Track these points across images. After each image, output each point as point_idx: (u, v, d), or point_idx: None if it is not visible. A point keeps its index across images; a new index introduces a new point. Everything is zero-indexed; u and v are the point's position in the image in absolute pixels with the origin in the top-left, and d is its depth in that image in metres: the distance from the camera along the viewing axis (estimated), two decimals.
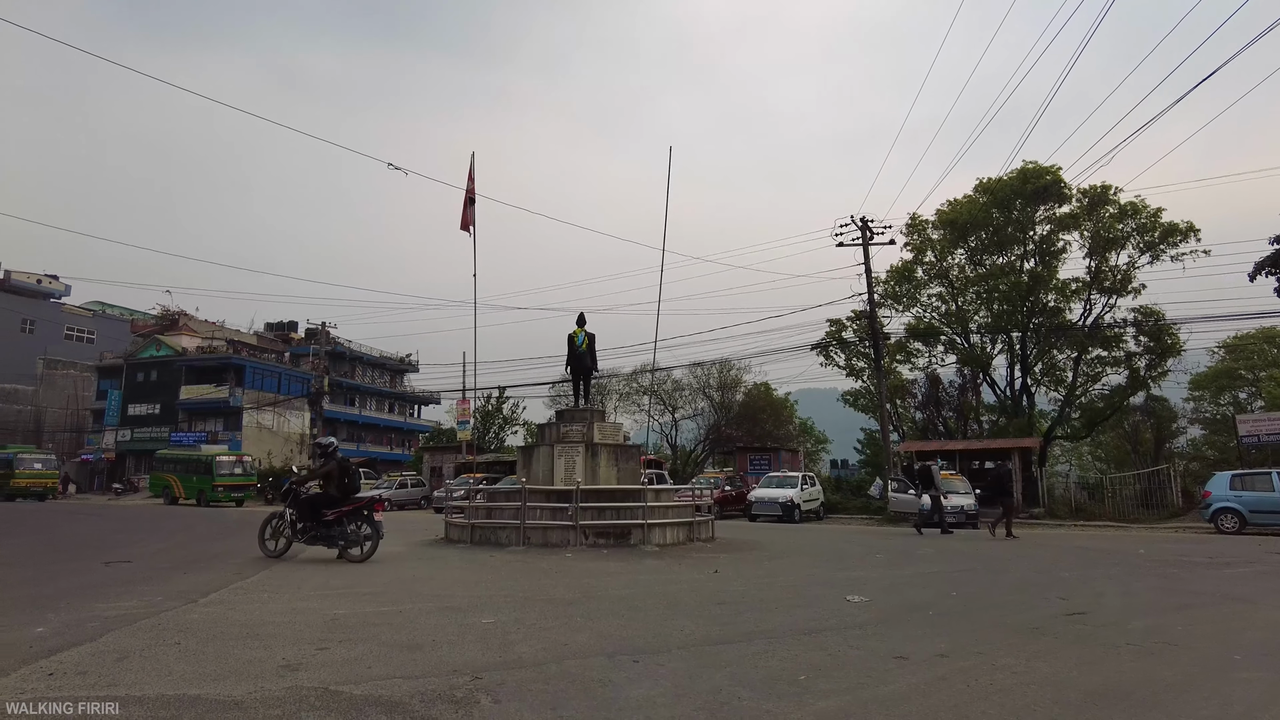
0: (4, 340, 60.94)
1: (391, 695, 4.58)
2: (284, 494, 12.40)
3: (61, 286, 69.08)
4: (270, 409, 52.87)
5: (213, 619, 6.95)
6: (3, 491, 39.48)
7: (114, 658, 5.41)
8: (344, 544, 11.76)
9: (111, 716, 3.90)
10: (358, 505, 11.79)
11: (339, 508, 11.72)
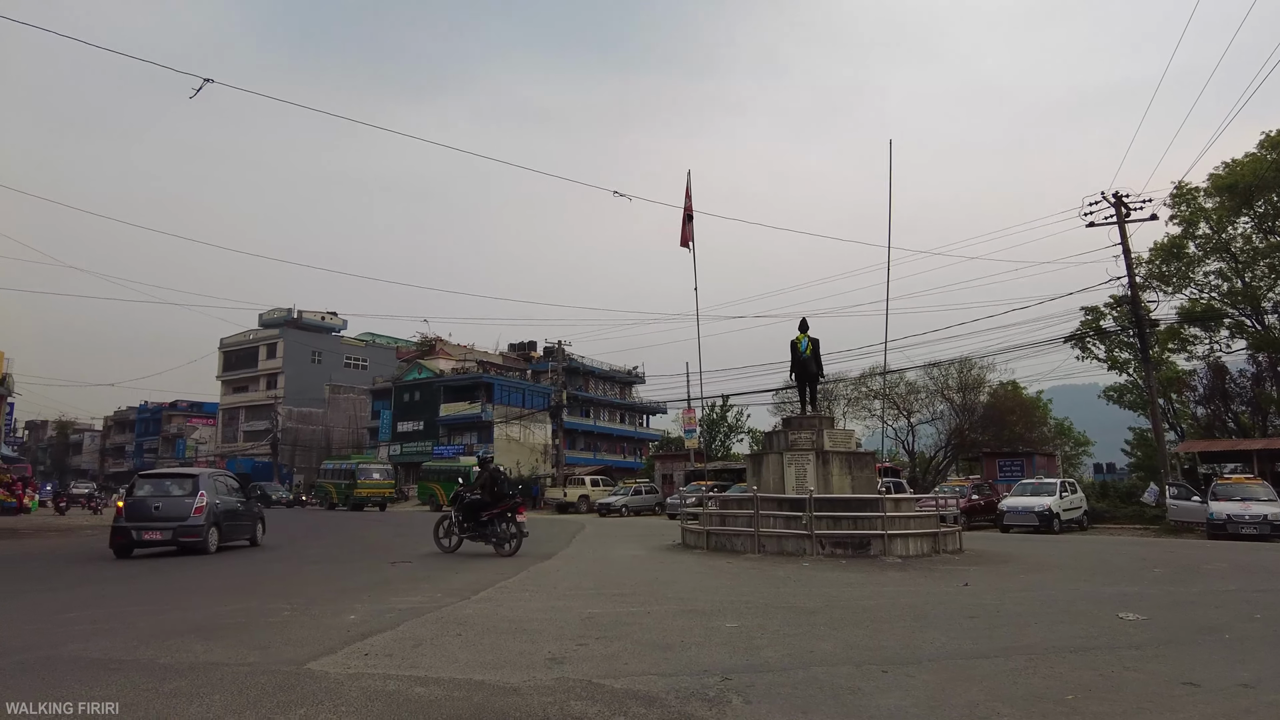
0: (299, 370, 71.37)
1: (648, 690, 4.86)
2: (452, 499, 14.65)
3: (340, 321, 79.67)
4: (516, 422, 57.24)
5: (484, 614, 7.72)
6: (349, 501, 41.29)
7: (410, 644, 6.20)
8: (495, 540, 13.61)
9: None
10: (504, 508, 13.66)
11: (491, 510, 13.69)
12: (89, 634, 6.58)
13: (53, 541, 19.20)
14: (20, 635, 6.58)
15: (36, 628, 6.96)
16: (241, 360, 76.01)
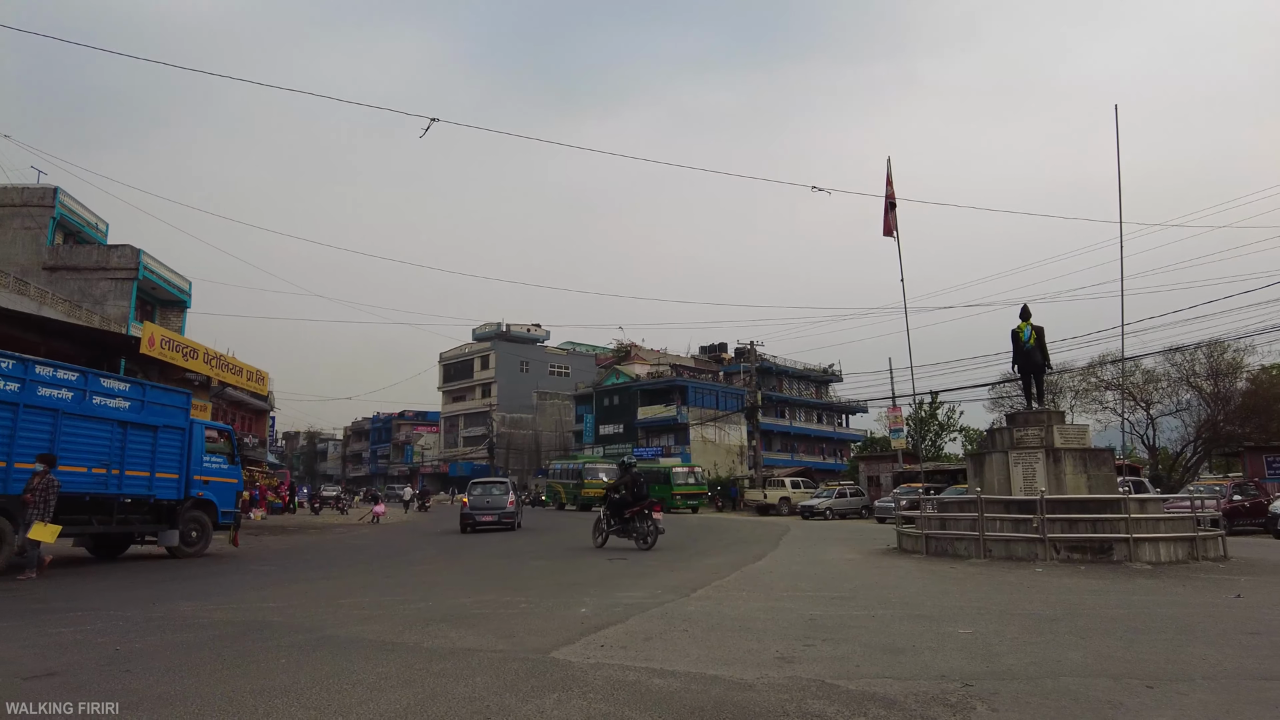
0: (510, 379, 76.28)
1: (886, 693, 4.76)
2: (603, 499, 16.49)
3: (544, 332, 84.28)
4: (711, 424, 57.77)
5: (707, 612, 7.88)
6: (577, 501, 41.18)
7: (641, 638, 6.46)
8: (636, 535, 15.10)
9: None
10: (642, 507, 15.21)
11: (633, 509, 15.22)
12: (362, 619, 7.43)
13: (313, 537, 21.83)
14: (308, 616, 7.55)
15: (319, 611, 7.96)
16: (458, 372, 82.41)
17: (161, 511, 14.02)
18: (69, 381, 12.42)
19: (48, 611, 7.71)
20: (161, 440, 13.85)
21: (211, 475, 15.13)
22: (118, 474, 12.97)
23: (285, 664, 5.38)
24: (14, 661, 5.42)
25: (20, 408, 11.44)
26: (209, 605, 8.24)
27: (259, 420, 42.35)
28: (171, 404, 14.39)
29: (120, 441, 13.08)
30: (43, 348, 24.02)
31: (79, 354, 25.86)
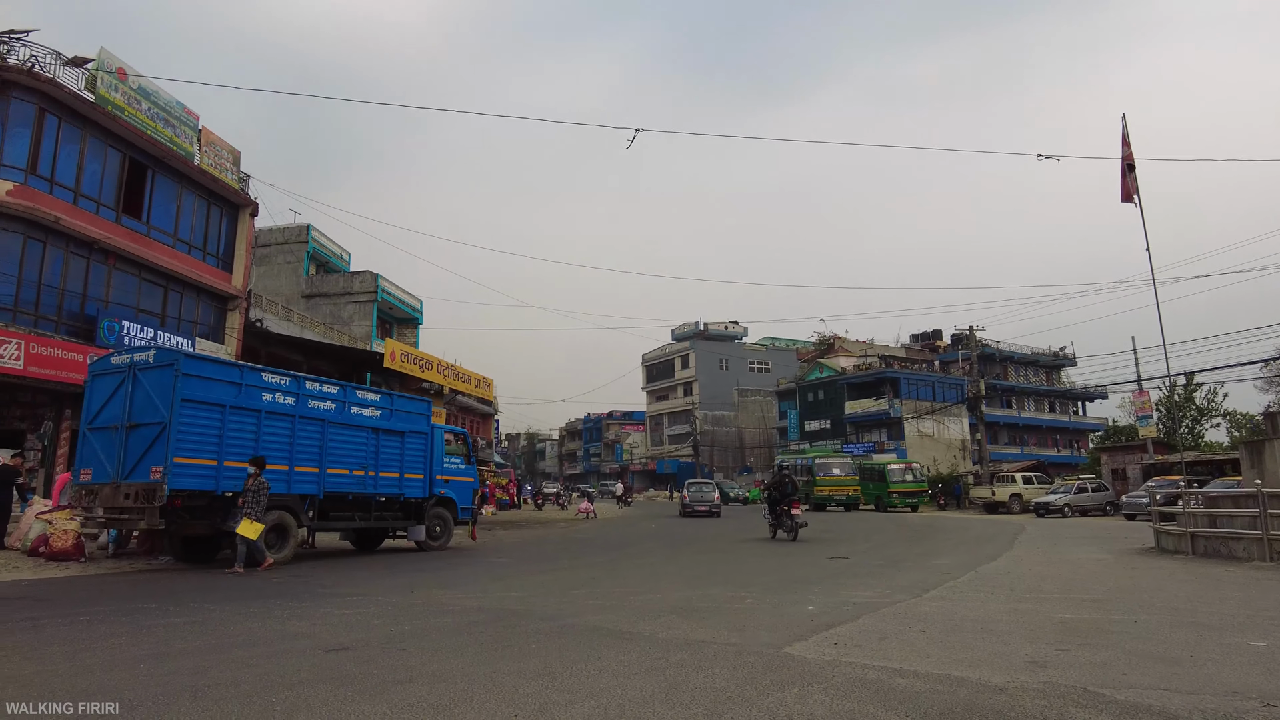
0: (710, 377, 76.92)
1: (1164, 706, 4.28)
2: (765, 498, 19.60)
3: (741, 329, 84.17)
4: (928, 417, 54.86)
5: (943, 613, 7.50)
6: (809, 500, 34.88)
7: (876, 637, 6.27)
8: (786, 528, 17.61)
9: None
10: (785, 504, 17.71)
11: (781, 505, 17.78)
12: (597, 609, 7.81)
13: (540, 531, 23.20)
14: (548, 606, 8.04)
15: (557, 601, 8.45)
16: (660, 372, 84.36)
17: (410, 509, 15.52)
18: (331, 394, 14.08)
19: (331, 595, 8.79)
20: (408, 444, 15.33)
21: (451, 475, 16.54)
22: (373, 475, 14.52)
23: (536, 649, 5.77)
24: (313, 636, 6.23)
25: (296, 419, 13.14)
26: (459, 594, 9.01)
27: (485, 423, 45.74)
28: (415, 411, 15.89)
29: (374, 446, 14.64)
30: (305, 365, 27.43)
31: (333, 370, 29.27)
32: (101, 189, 20.40)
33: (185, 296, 23.52)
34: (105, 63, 19.92)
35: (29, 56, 18.49)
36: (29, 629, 6.48)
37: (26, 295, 18.47)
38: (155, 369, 11.75)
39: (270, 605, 7.86)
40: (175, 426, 11.22)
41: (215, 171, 23.95)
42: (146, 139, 21.18)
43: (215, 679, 4.75)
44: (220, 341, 24.28)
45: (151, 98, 21.49)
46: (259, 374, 12.92)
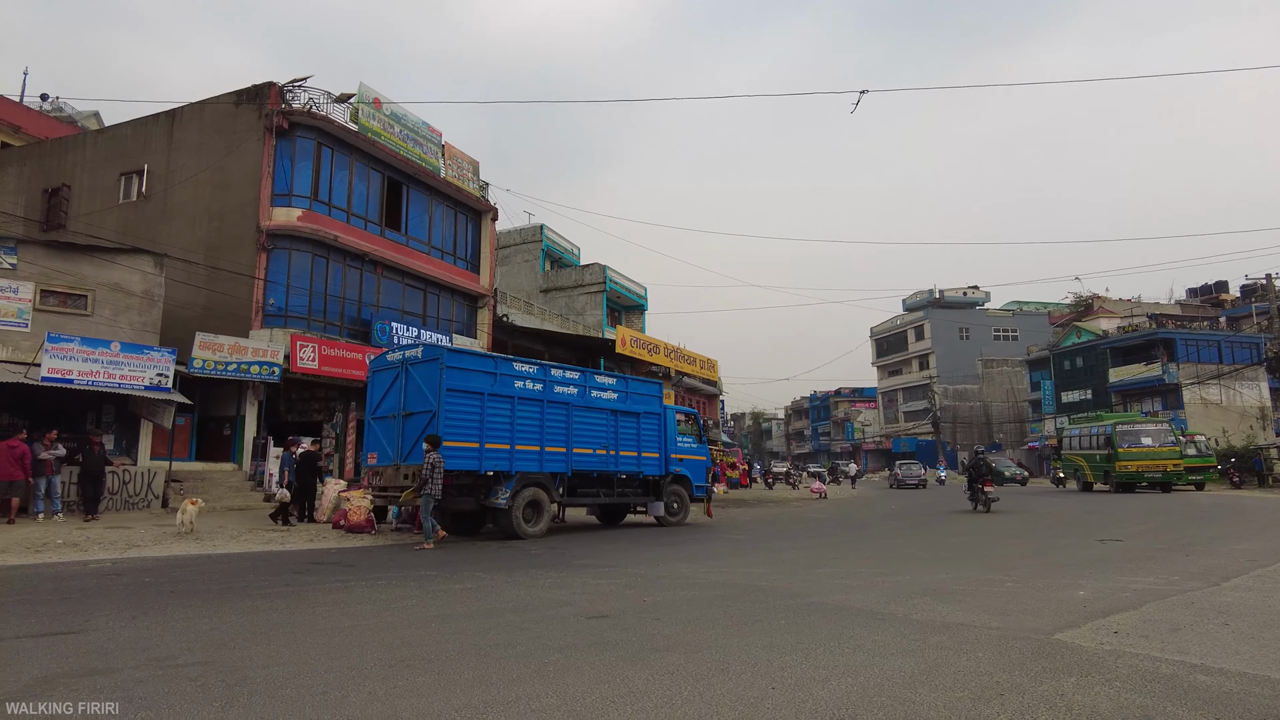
0: (948, 348, 72.28)
1: None
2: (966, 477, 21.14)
3: (982, 294, 78.18)
4: (1213, 382, 47.88)
5: (1252, 605, 6.52)
6: (1110, 480, 29.98)
7: (1166, 628, 5.58)
8: (980, 502, 19.28)
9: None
10: (981, 483, 19.43)
11: (977, 484, 19.54)
12: (843, 588, 7.65)
13: (772, 510, 23.14)
14: (792, 583, 8.00)
15: (800, 578, 8.39)
16: (891, 345, 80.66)
17: (648, 486, 16.14)
18: (573, 380, 14.95)
19: (585, 567, 9.35)
20: (643, 425, 15.94)
21: (684, 454, 16.97)
22: (614, 454, 15.25)
23: (785, 625, 5.76)
24: (574, 604, 6.67)
25: (544, 403, 14.12)
26: (702, 568, 9.22)
27: (711, 404, 46.39)
28: (648, 393, 16.47)
29: (613, 427, 15.37)
30: (546, 354, 29.33)
31: (570, 357, 31.04)
32: (367, 207, 23.09)
33: (442, 297, 26.04)
34: (364, 95, 22.46)
35: (307, 100, 21.31)
36: (340, 589, 7.52)
37: (316, 305, 21.39)
38: (423, 364, 13.13)
39: (533, 575, 8.52)
40: (443, 414, 12.48)
41: (459, 182, 26.22)
42: (400, 159, 23.64)
43: (494, 640, 5.24)
44: (473, 336, 26.64)
45: (401, 121, 23.93)
46: (510, 364, 14.02)
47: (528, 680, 4.26)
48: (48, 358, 14.91)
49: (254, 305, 19.90)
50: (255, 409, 19.53)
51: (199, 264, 20.05)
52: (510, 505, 13.00)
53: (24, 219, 23.29)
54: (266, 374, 18.84)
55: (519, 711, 3.75)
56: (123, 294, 17.60)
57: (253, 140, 20.65)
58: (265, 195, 20.37)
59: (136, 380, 16.11)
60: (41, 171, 24.23)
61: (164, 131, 22.49)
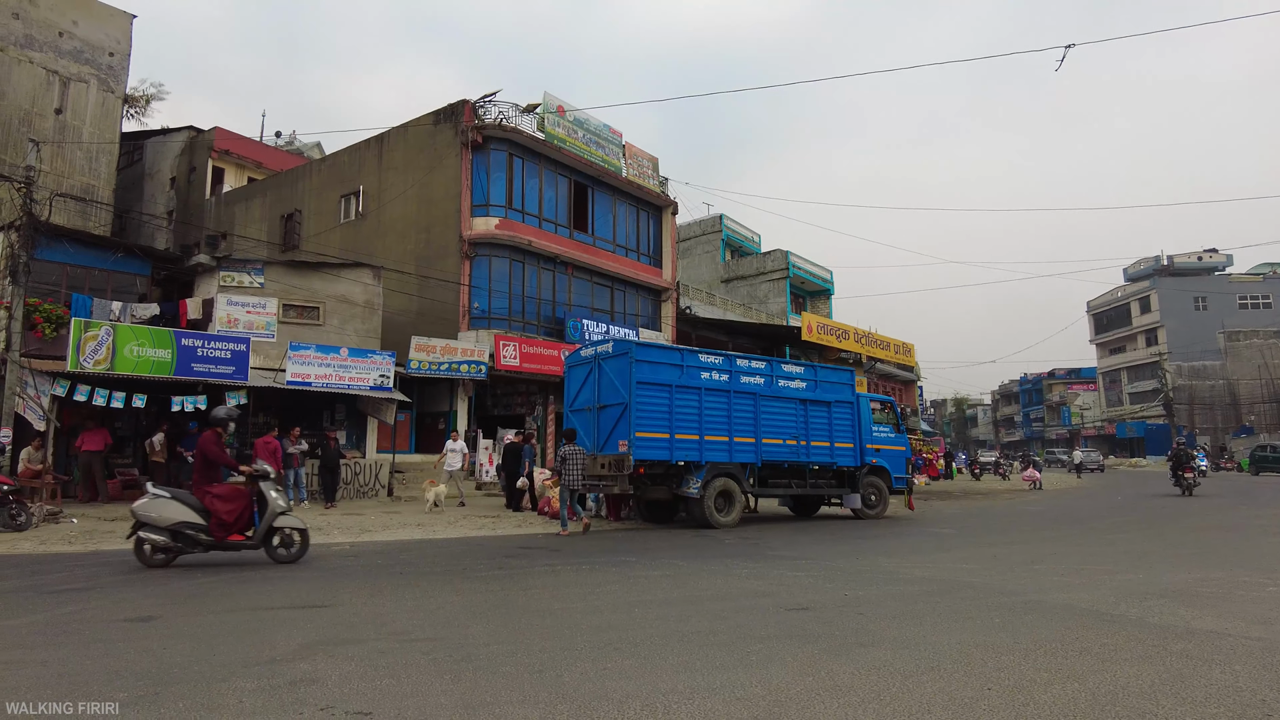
0: (1181, 321, 64.44)
1: None
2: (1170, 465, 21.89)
3: (1223, 258, 69.03)
4: None
5: None
6: None
7: None
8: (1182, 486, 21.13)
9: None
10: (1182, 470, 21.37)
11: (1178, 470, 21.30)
12: (1063, 586, 7.06)
13: (981, 502, 21.75)
14: (1006, 580, 7.49)
15: (1015, 575, 7.83)
16: (1112, 321, 73.18)
17: (843, 477, 15.68)
18: (759, 369, 14.82)
19: (782, 558, 9.26)
20: (835, 414, 15.51)
21: (881, 444, 16.33)
22: (805, 445, 14.96)
23: (999, 623, 5.41)
24: (773, 595, 6.63)
25: (731, 394, 14.11)
26: (905, 563, 8.85)
27: (908, 390, 44.33)
28: (839, 381, 16.00)
29: (803, 417, 15.07)
30: (730, 344, 29.31)
31: (754, 346, 30.80)
32: (557, 211, 24.15)
33: (627, 293, 26.76)
34: (549, 104, 23.48)
35: (498, 114, 22.59)
36: (548, 573, 7.94)
37: (514, 306, 22.69)
38: (614, 358, 13.56)
39: (730, 565, 8.56)
40: (634, 406, 12.84)
41: (640, 180, 26.78)
42: (585, 162, 24.51)
43: (695, 627, 5.31)
44: (658, 329, 27.16)
45: (584, 126, 24.77)
46: (696, 355, 14.15)
47: (731, 668, 4.29)
48: (290, 364, 16.87)
49: (460, 309, 21.43)
50: (465, 404, 21.04)
51: (411, 273, 21.87)
52: (702, 495, 13.13)
53: (267, 243, 26.46)
54: (474, 372, 20.25)
55: (724, 699, 3.78)
56: (348, 304, 19.56)
57: (451, 156, 22.21)
58: (465, 206, 21.86)
59: (363, 381, 17.86)
60: (279, 200, 27.43)
61: (374, 155, 24.72)
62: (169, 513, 8.01)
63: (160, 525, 7.98)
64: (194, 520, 8.07)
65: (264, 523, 8.31)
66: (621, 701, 3.74)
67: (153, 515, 7.98)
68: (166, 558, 8.16)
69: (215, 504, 8.15)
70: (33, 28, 24.10)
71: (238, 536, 8.28)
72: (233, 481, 8.76)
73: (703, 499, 13.12)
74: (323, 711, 3.59)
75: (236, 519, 8.23)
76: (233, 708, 3.65)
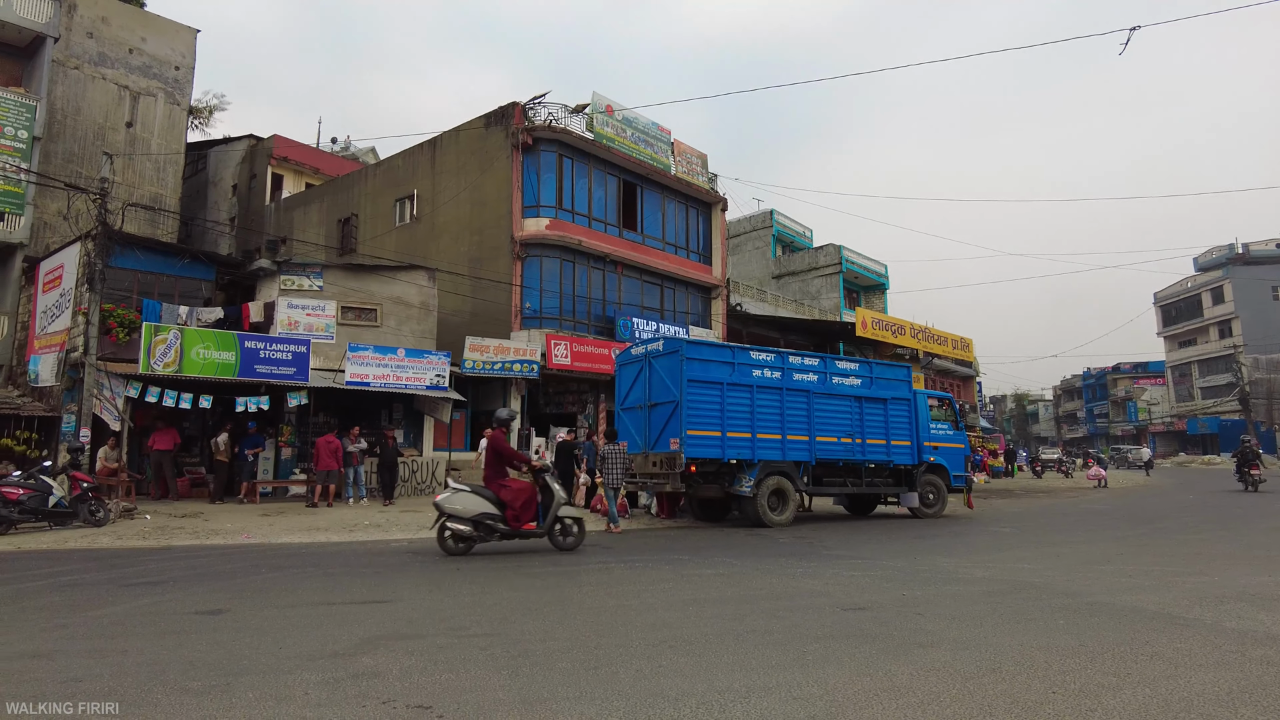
0: (1257, 312, 61.73)
1: None
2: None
3: None
4: None
5: None
6: None
7: None
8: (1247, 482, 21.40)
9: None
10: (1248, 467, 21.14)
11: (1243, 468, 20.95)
12: (1131, 588, 6.84)
13: (1043, 501, 21.16)
14: (1070, 581, 7.27)
15: (1080, 576, 7.60)
16: (1181, 312, 70.49)
17: (900, 475, 15.42)
18: (812, 366, 14.66)
19: (837, 557, 9.15)
20: (891, 411, 15.25)
21: (939, 441, 16.02)
22: (860, 442, 14.75)
23: (1063, 625, 5.27)
24: (828, 595, 6.56)
25: (784, 391, 13.99)
26: (965, 563, 8.66)
27: (966, 386, 43.37)
28: (895, 378, 15.74)
29: (858, 414, 14.86)
30: (781, 341, 29.07)
31: (807, 343, 30.50)
32: (606, 210, 24.24)
33: (677, 291, 26.72)
34: (597, 104, 23.56)
35: (547, 115, 22.77)
36: (601, 570, 7.99)
37: (565, 306, 22.85)
38: (664, 356, 13.56)
39: (784, 563, 8.49)
40: (685, 404, 12.81)
41: (689, 178, 26.70)
42: (633, 161, 24.54)
43: (750, 626, 5.29)
44: (708, 327, 27.06)
45: (633, 124, 24.80)
46: (748, 353, 14.06)
47: (787, 668, 4.26)
48: (349, 364, 17.27)
49: (512, 309, 21.67)
50: (519, 403, 21.28)
51: (464, 275, 22.18)
52: (755, 493, 13.04)
53: (325, 247, 27.13)
54: (527, 371, 20.46)
55: (780, 699, 3.76)
56: (404, 306, 19.93)
57: (502, 158, 22.46)
58: (516, 208, 22.09)
59: (419, 381, 18.19)
60: (335, 205, 28.09)
61: (427, 159, 25.13)
62: (472, 505, 8.99)
63: (464, 517, 8.93)
64: (492, 511, 9.04)
65: (551, 513, 9.27)
66: (677, 700, 3.74)
67: (457, 508, 8.94)
68: (465, 546, 9.10)
69: (509, 495, 9.10)
70: (105, 46, 25.10)
71: (529, 525, 9.21)
72: (519, 475, 9.67)
73: (755, 497, 13.04)
74: (385, 705, 3.67)
75: (527, 509, 9.18)
76: (300, 699, 3.76)
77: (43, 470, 12.26)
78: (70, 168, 23.23)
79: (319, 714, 3.56)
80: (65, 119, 23.95)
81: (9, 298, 20.60)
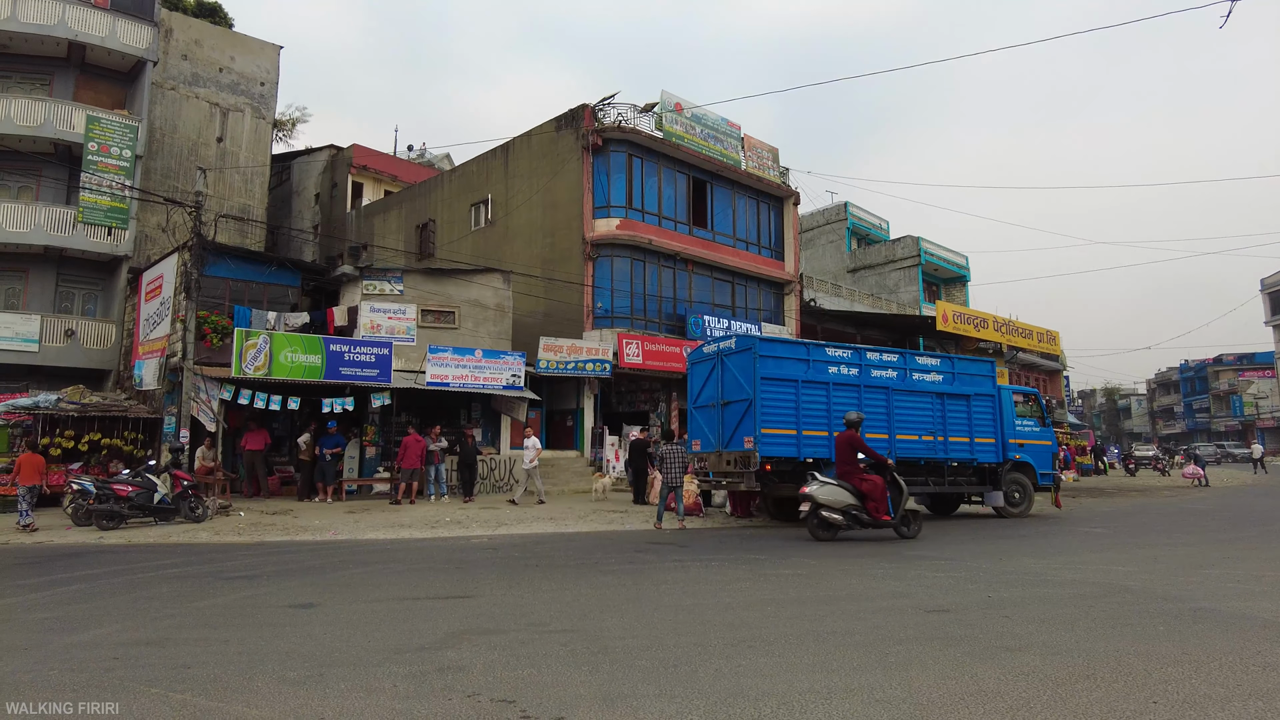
0: None
1: None
2: None
3: None
4: None
5: None
6: None
7: None
8: None
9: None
10: None
11: None
12: (1241, 593, 6.49)
13: (1137, 500, 20.21)
14: (1169, 585, 6.93)
15: (1180, 579, 7.24)
16: None
17: (984, 474, 14.93)
18: (891, 363, 14.32)
19: (919, 558, 8.93)
20: (974, 408, 14.78)
21: (1024, 438, 15.46)
22: (942, 440, 14.33)
23: (1163, 632, 5.02)
24: (910, 596, 6.41)
25: (861, 388, 13.71)
26: (1053, 564, 8.34)
27: (1053, 380, 41.77)
28: (978, 373, 15.25)
29: (939, 411, 14.44)
30: (858, 337, 28.53)
31: (885, 338, 29.85)
32: (676, 208, 24.23)
33: (749, 288, 26.52)
34: (666, 102, 23.57)
35: (616, 116, 22.89)
36: (677, 569, 7.99)
37: (636, 305, 22.94)
38: (737, 354, 13.46)
39: (864, 564, 8.34)
40: (759, 402, 12.69)
41: (759, 172, 26.46)
42: (703, 158, 24.46)
43: (831, 627, 5.22)
44: (781, 323, 26.77)
45: (702, 121, 24.72)
46: (823, 349, 13.83)
47: (869, 670, 4.19)
48: (429, 366, 17.74)
49: (584, 309, 21.89)
50: (591, 401, 21.48)
51: (537, 276, 22.51)
52: None
53: (405, 252, 27.91)
54: (599, 370, 20.64)
55: (863, 701, 3.70)
56: (480, 308, 20.35)
57: (573, 160, 22.70)
58: (587, 209, 22.30)
59: (496, 381, 18.56)
60: (413, 211, 28.88)
61: (500, 164, 25.58)
62: (840, 497, 10.16)
63: (835, 507, 10.11)
64: (856, 504, 10.16)
65: (901, 506, 10.28)
66: (757, 699, 3.72)
67: (829, 499, 10.12)
68: (830, 534, 10.27)
69: (869, 488, 10.15)
70: (198, 66, 26.42)
71: (885, 516, 10.20)
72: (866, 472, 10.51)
73: None
74: (469, 698, 3.76)
75: (883, 501, 10.15)
76: (388, 690, 3.88)
77: (148, 469, 13.06)
78: (168, 183, 24.53)
79: (406, 706, 3.67)
80: (163, 137, 25.30)
81: (116, 307, 21.90)
